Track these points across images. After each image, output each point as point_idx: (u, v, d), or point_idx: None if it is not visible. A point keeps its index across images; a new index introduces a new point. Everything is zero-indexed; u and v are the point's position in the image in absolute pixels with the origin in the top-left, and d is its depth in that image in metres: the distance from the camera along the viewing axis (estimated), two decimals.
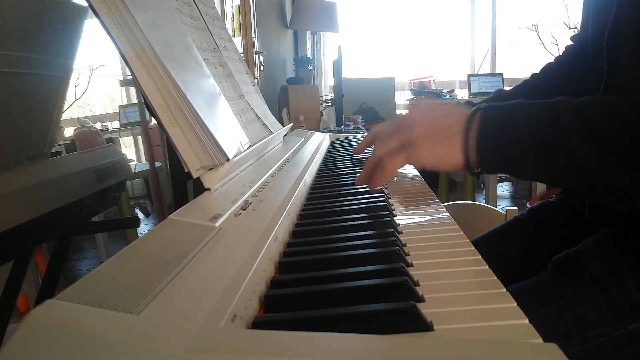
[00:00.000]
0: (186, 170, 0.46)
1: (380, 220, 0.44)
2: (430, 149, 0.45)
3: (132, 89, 3.35)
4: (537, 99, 0.75)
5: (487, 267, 0.33)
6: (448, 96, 3.53)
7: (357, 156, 0.84)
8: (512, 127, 0.42)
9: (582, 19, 0.70)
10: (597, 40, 0.59)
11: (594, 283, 0.51)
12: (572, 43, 0.75)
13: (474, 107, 0.45)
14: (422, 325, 0.25)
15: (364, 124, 2.36)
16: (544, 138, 0.41)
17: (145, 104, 0.47)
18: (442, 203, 0.53)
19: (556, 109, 0.42)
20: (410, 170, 0.74)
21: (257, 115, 0.77)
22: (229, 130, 0.55)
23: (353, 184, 0.62)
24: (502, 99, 0.76)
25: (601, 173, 0.40)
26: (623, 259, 0.51)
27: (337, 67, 2.05)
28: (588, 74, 0.63)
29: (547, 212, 0.73)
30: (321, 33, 3.62)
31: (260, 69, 2.03)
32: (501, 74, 3.54)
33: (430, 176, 0.89)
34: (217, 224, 0.37)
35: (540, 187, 2.59)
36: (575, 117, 0.40)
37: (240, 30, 1.80)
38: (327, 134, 1.18)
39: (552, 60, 0.77)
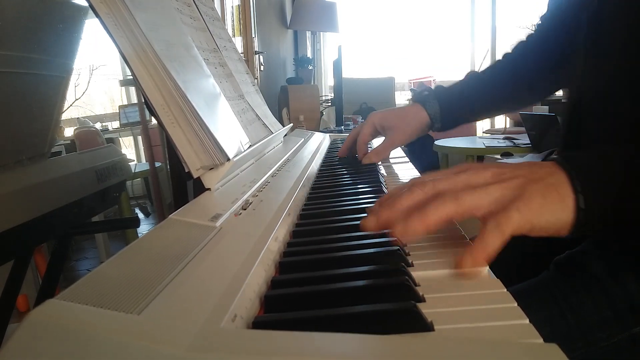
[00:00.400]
0: (186, 170, 0.46)
1: None
2: (542, 206, 0.34)
3: (132, 89, 3.36)
4: (513, 79, 0.73)
5: (487, 267, 0.33)
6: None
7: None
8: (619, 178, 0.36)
9: None
10: (573, 8, 0.58)
11: (595, 284, 0.51)
12: (541, 22, 0.74)
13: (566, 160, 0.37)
14: (422, 325, 0.25)
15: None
16: None
17: (146, 103, 0.47)
18: None
19: None
20: (410, 170, 0.74)
21: (257, 115, 0.77)
22: (229, 130, 0.55)
23: (353, 184, 0.62)
24: (474, 83, 0.76)
25: None
26: (625, 260, 0.51)
27: (337, 67, 2.05)
28: (565, 48, 0.62)
29: None
30: (321, 33, 3.62)
31: (260, 69, 2.03)
32: None
33: None
34: (218, 223, 0.37)
35: None
36: None
37: (240, 30, 1.80)
38: (327, 134, 1.19)
39: (523, 39, 0.75)
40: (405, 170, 0.74)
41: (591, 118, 0.56)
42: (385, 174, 0.70)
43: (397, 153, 0.91)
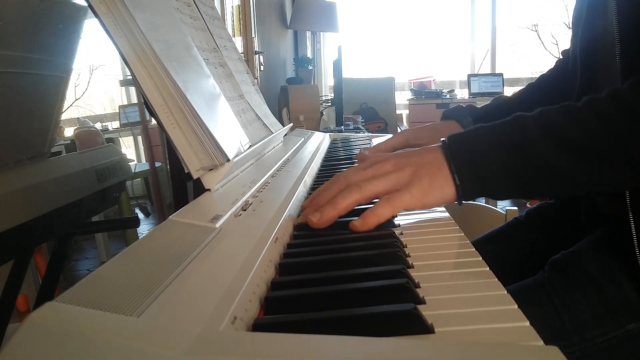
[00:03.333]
0: (186, 171, 0.46)
1: None
2: (429, 186, 0.43)
3: (132, 89, 3.36)
4: (532, 106, 0.76)
5: (488, 268, 0.32)
6: (448, 96, 3.53)
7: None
8: (479, 149, 0.43)
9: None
10: (574, 50, 0.62)
11: (590, 283, 0.51)
12: (562, 57, 0.77)
13: (442, 141, 0.45)
14: (422, 327, 0.25)
15: (364, 124, 2.36)
16: (513, 154, 0.42)
17: (145, 104, 0.46)
18: None
19: (516, 126, 0.43)
20: None
21: (257, 115, 0.77)
22: (229, 130, 0.55)
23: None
24: (502, 104, 0.77)
25: (584, 178, 0.42)
26: (618, 260, 0.51)
27: (337, 67, 2.05)
28: (569, 84, 0.64)
29: (545, 214, 0.74)
30: (321, 33, 3.62)
31: (260, 69, 2.03)
32: (501, 74, 3.54)
33: None
34: (218, 225, 0.37)
35: None
36: (538, 129, 0.42)
37: (240, 30, 1.80)
38: (327, 134, 1.18)
39: (546, 71, 0.79)
40: None
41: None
42: None
43: None
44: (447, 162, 0.43)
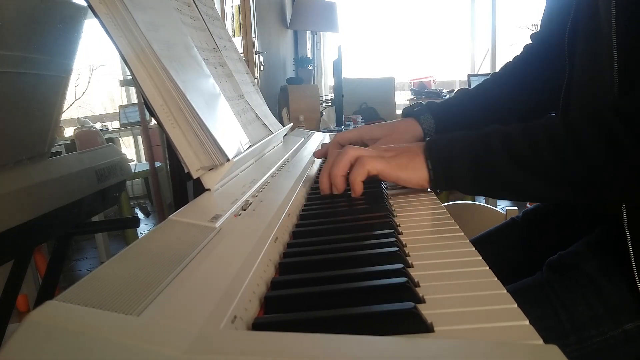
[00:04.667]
0: (186, 171, 0.46)
1: (380, 220, 0.44)
2: (406, 164, 0.51)
3: (132, 89, 3.36)
4: (498, 99, 0.77)
5: (487, 267, 0.33)
6: (448, 96, 3.53)
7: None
8: (452, 155, 0.50)
9: (542, 17, 0.71)
10: (559, 39, 0.61)
11: (588, 283, 0.52)
12: (531, 42, 0.75)
13: (427, 140, 0.53)
14: (422, 326, 0.25)
15: (364, 123, 2.36)
16: (478, 164, 0.48)
17: (145, 104, 0.46)
18: (442, 203, 0.53)
19: (487, 139, 0.48)
20: None
21: (257, 115, 0.77)
22: (229, 130, 0.55)
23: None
24: (464, 99, 0.77)
25: (534, 192, 0.47)
26: (615, 260, 0.52)
27: (337, 67, 2.05)
28: (551, 73, 0.64)
29: (542, 215, 0.74)
30: (321, 33, 3.62)
31: (260, 69, 2.03)
32: None
33: None
34: (217, 224, 0.37)
35: None
36: (502, 145, 0.47)
37: (240, 30, 1.80)
38: (327, 134, 1.18)
39: (510, 60, 0.78)
40: None
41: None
42: None
43: None
44: (425, 157, 0.51)
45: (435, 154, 0.50)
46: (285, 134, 0.96)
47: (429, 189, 0.55)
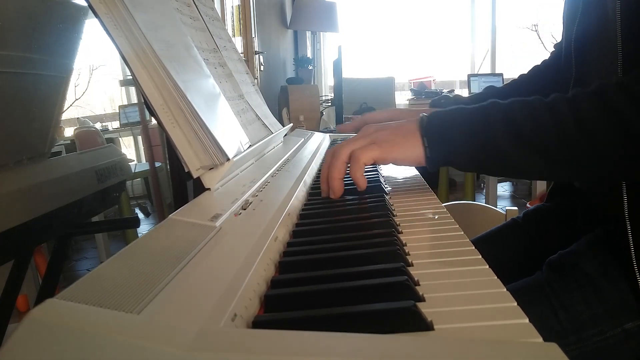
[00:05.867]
0: (186, 170, 0.46)
1: (380, 219, 0.44)
2: (400, 144, 0.50)
3: (132, 89, 3.36)
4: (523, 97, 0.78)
5: (487, 266, 0.33)
6: (449, 95, 3.53)
7: None
8: (451, 128, 0.48)
9: (563, 26, 0.72)
10: (567, 44, 0.61)
11: (587, 283, 0.52)
12: (554, 50, 0.77)
13: (421, 115, 0.51)
14: (422, 324, 0.25)
15: None
16: (476, 138, 0.47)
17: (145, 104, 0.47)
18: (442, 203, 0.53)
19: (487, 112, 0.47)
20: (410, 170, 0.74)
21: (257, 115, 0.77)
22: (229, 130, 0.55)
23: (353, 184, 0.62)
24: (491, 94, 0.78)
25: (532, 168, 0.45)
26: (615, 259, 0.52)
27: (337, 67, 2.05)
28: (561, 78, 0.65)
29: (542, 215, 0.74)
30: (321, 33, 3.62)
31: (260, 69, 2.03)
32: (501, 74, 3.54)
33: (430, 176, 0.89)
34: (217, 223, 0.37)
35: (540, 188, 2.60)
36: (502, 119, 0.45)
37: (240, 30, 1.80)
38: (327, 134, 1.18)
39: (539, 63, 0.79)
40: (404, 169, 0.74)
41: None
42: (384, 174, 0.70)
43: None
44: (420, 133, 0.49)
45: (431, 130, 0.49)
46: (285, 134, 0.96)
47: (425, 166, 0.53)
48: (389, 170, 0.74)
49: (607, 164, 0.43)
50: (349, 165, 0.52)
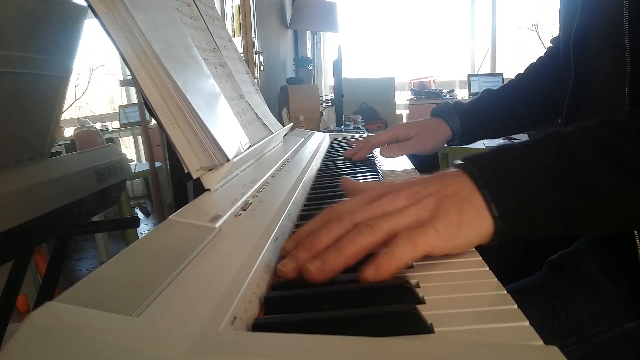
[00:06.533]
0: (186, 171, 0.46)
1: None
2: (457, 222, 0.33)
3: (132, 89, 3.36)
4: (521, 98, 0.77)
5: (488, 268, 0.32)
6: (448, 96, 3.53)
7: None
8: (518, 169, 0.35)
9: (559, 21, 0.72)
10: (566, 42, 0.61)
11: (587, 282, 0.52)
12: (552, 45, 0.76)
13: (460, 164, 0.37)
14: (422, 327, 0.25)
15: (364, 124, 2.36)
16: (557, 179, 0.34)
17: (145, 104, 0.46)
18: None
19: (553, 139, 0.36)
20: (409, 169, 0.74)
21: (257, 115, 0.77)
22: (229, 130, 0.55)
23: None
24: (489, 98, 0.78)
25: (625, 198, 0.34)
26: (616, 259, 0.52)
27: (337, 67, 2.05)
28: (560, 75, 0.64)
29: None
30: (321, 33, 3.62)
31: (260, 69, 2.03)
32: (501, 74, 3.54)
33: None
34: (217, 224, 0.37)
35: None
36: (579, 141, 0.35)
37: (240, 30, 1.80)
38: (327, 134, 1.18)
39: (534, 61, 0.79)
40: (403, 167, 0.74)
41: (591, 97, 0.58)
42: (384, 176, 0.70)
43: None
44: (479, 188, 0.34)
45: (496, 178, 0.34)
46: (285, 134, 0.95)
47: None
48: (387, 168, 0.74)
49: None
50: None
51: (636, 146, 0.33)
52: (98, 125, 3.33)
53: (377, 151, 0.80)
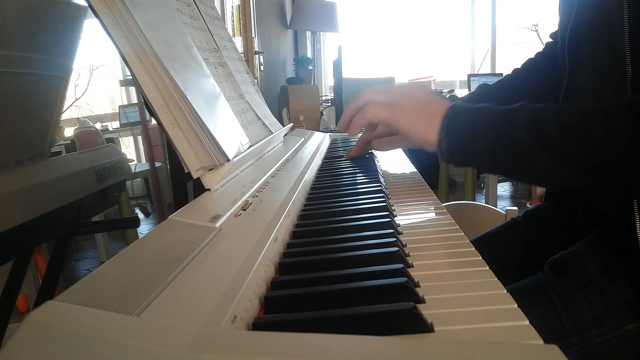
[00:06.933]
0: (186, 171, 0.46)
1: (380, 220, 0.44)
2: (412, 118, 0.49)
3: (132, 89, 3.36)
4: (517, 94, 0.78)
5: (488, 267, 0.33)
6: (448, 96, 3.53)
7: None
8: (475, 127, 0.46)
9: (559, 22, 0.72)
10: (562, 38, 0.61)
11: (589, 283, 0.51)
12: (551, 40, 0.76)
13: (454, 102, 0.50)
14: (422, 326, 0.25)
15: None
16: (500, 139, 0.45)
17: (145, 104, 0.46)
18: (442, 203, 0.53)
19: (514, 115, 0.45)
20: (410, 169, 0.74)
21: (257, 115, 0.77)
22: (229, 130, 0.55)
23: (353, 184, 0.62)
24: (484, 93, 0.78)
25: (553, 175, 0.43)
26: (617, 259, 0.51)
27: (337, 67, 2.05)
28: (556, 74, 0.64)
29: (543, 215, 0.74)
30: (321, 33, 3.62)
31: (260, 69, 2.03)
32: (501, 74, 3.54)
33: (430, 176, 0.89)
34: (217, 224, 0.37)
35: (540, 188, 2.60)
36: (528, 123, 0.44)
37: (240, 30, 1.80)
38: (327, 134, 1.18)
39: (532, 56, 0.78)
40: (404, 169, 0.74)
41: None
42: (384, 176, 0.70)
43: (397, 153, 0.91)
44: (442, 123, 0.47)
45: (454, 125, 0.47)
46: (285, 134, 0.96)
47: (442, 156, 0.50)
48: (386, 169, 0.74)
49: (636, 180, 0.41)
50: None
51: (563, 135, 0.42)
52: (98, 125, 3.33)
53: (376, 152, 0.80)
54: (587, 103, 0.43)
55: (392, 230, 0.40)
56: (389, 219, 0.44)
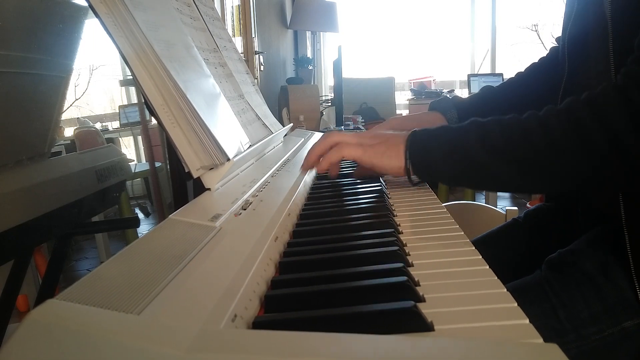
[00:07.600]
0: (186, 170, 0.46)
1: (380, 220, 0.44)
2: (382, 153, 0.54)
3: (132, 89, 3.36)
4: (519, 97, 0.78)
5: (487, 267, 0.33)
6: (448, 96, 3.52)
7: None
8: (432, 144, 0.51)
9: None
10: (562, 40, 0.62)
11: (587, 281, 0.52)
12: (556, 44, 0.77)
13: (411, 131, 0.55)
14: (422, 325, 0.25)
15: (364, 124, 2.36)
16: (455, 151, 0.49)
17: (146, 104, 0.46)
18: (442, 203, 0.53)
19: (466, 129, 0.50)
20: None
21: (257, 115, 0.77)
22: (229, 130, 0.55)
23: (353, 184, 0.62)
24: (487, 94, 0.79)
25: (504, 178, 0.47)
26: (615, 258, 0.52)
27: (337, 67, 2.05)
28: (557, 75, 0.65)
29: (543, 215, 0.74)
30: (321, 33, 3.62)
31: (260, 69, 2.03)
32: (501, 74, 3.54)
33: None
34: (218, 223, 0.37)
35: None
36: (477, 134, 0.48)
37: (240, 30, 1.80)
38: None
39: (536, 60, 0.79)
40: None
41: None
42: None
43: None
44: (405, 147, 0.52)
45: (414, 146, 0.52)
46: (285, 134, 0.96)
47: (411, 179, 0.55)
48: None
49: (575, 178, 0.45)
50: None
51: (508, 142, 0.46)
52: (98, 125, 3.33)
53: None
54: (530, 111, 0.47)
55: (392, 230, 0.40)
56: (388, 219, 0.44)
